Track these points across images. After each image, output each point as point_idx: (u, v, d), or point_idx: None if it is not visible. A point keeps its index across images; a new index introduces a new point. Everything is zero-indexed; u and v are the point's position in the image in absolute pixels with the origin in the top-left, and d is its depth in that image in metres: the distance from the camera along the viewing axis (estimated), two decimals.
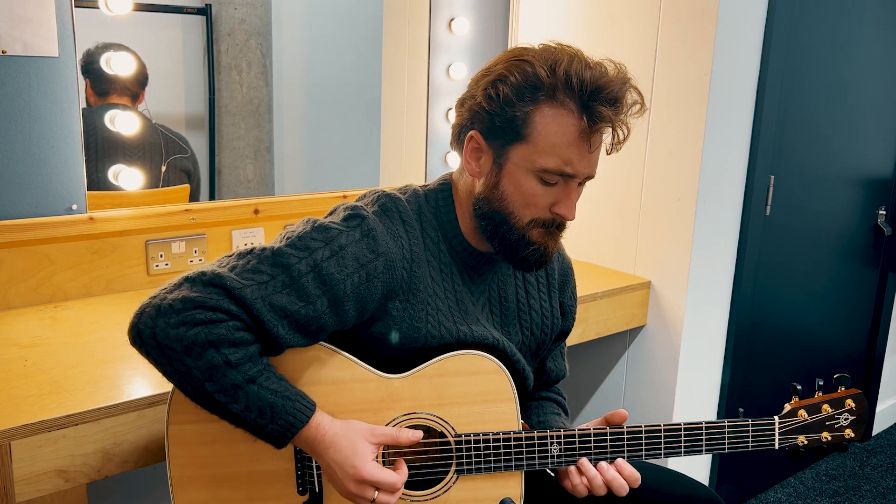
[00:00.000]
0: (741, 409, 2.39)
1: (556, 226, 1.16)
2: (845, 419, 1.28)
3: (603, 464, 1.20)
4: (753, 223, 2.19)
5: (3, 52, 1.53)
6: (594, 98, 1.08)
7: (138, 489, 1.87)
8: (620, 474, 1.20)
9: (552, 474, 1.28)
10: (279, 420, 1.04)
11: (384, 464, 1.16)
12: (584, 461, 1.20)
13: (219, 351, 1.01)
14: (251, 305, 1.02)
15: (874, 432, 3.16)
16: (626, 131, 1.11)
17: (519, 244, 1.16)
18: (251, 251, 1.08)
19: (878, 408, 3.14)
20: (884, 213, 2.78)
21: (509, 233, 1.15)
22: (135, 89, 1.81)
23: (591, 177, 1.15)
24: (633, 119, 1.12)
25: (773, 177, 2.24)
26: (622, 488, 1.19)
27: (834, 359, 2.82)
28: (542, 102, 1.09)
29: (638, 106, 1.11)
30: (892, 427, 3.26)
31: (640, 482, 1.21)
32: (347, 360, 1.15)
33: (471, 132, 1.15)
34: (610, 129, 1.11)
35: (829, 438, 1.28)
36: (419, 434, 1.13)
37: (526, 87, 1.09)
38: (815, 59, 2.30)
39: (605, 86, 1.08)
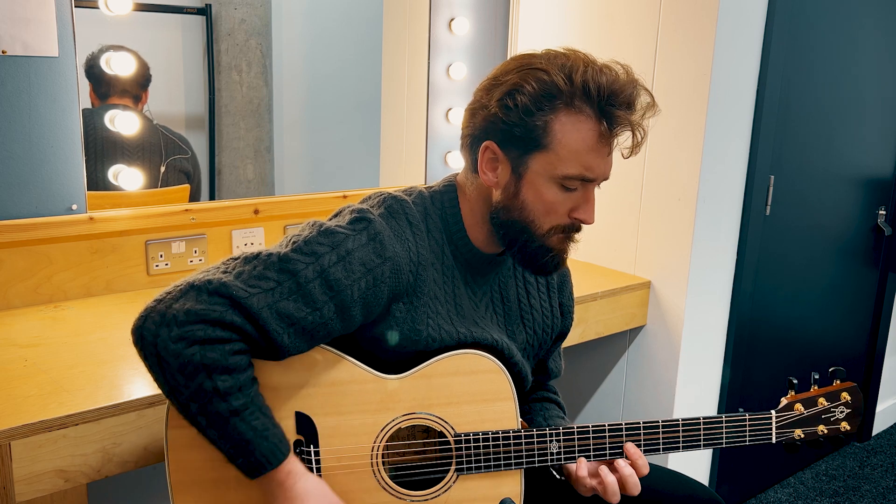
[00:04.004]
0: (741, 409, 2.39)
1: (574, 230, 1.18)
2: (841, 412, 1.29)
3: (619, 461, 1.21)
4: (753, 223, 2.19)
5: (3, 52, 1.53)
6: (611, 103, 1.09)
7: (138, 489, 1.87)
8: (634, 466, 1.20)
9: (559, 476, 1.28)
10: (251, 458, 1.03)
11: (383, 464, 1.16)
12: (603, 468, 1.21)
13: (210, 377, 1.00)
14: (257, 315, 1.02)
15: (874, 432, 3.16)
16: (643, 132, 1.13)
17: (539, 251, 1.17)
18: (257, 256, 1.07)
19: (878, 408, 3.14)
20: (884, 213, 2.78)
21: (530, 241, 1.16)
22: (135, 91, 1.81)
23: (607, 178, 1.16)
24: (647, 120, 1.13)
25: (773, 176, 2.24)
26: (636, 487, 1.19)
27: (834, 358, 2.82)
28: (559, 110, 1.10)
29: (652, 107, 1.12)
30: (892, 427, 3.26)
31: (647, 468, 1.21)
32: (346, 361, 1.15)
33: (486, 142, 1.14)
34: (628, 133, 1.12)
35: (826, 431, 1.28)
36: None
37: (543, 95, 1.09)
38: (815, 60, 2.30)
39: (620, 90, 1.09)
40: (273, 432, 1.05)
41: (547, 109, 1.09)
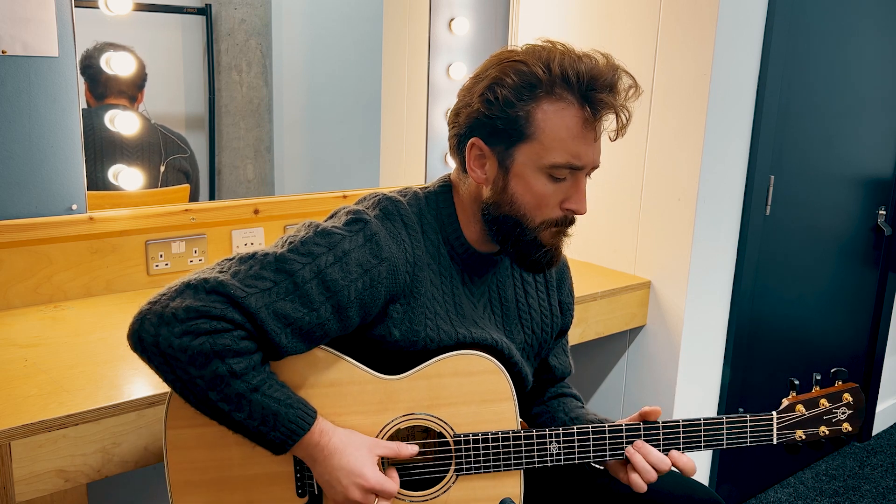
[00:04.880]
0: (741, 409, 2.39)
1: (567, 223, 1.17)
2: (843, 413, 1.28)
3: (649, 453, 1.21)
4: (753, 223, 2.19)
5: (3, 52, 1.53)
6: (592, 87, 1.10)
7: (138, 489, 1.88)
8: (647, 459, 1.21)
9: (599, 468, 1.28)
10: (281, 427, 1.04)
11: (382, 464, 1.16)
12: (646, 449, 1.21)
13: (223, 361, 1.00)
14: (256, 314, 1.02)
15: (874, 432, 3.16)
16: (627, 115, 1.13)
17: (531, 246, 1.16)
18: (253, 256, 1.07)
19: (878, 408, 3.14)
20: (884, 213, 2.78)
21: (522, 235, 1.16)
22: (132, 91, 1.81)
23: (596, 167, 1.16)
24: (631, 102, 1.13)
25: (773, 176, 2.24)
26: (648, 473, 1.20)
27: (834, 358, 2.82)
28: (541, 99, 1.10)
29: (633, 89, 1.12)
30: (892, 427, 3.26)
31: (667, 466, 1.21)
32: (345, 362, 1.15)
33: (472, 139, 1.15)
34: (612, 116, 1.12)
35: (827, 433, 1.28)
36: (416, 448, 1.15)
37: (523, 86, 1.10)
38: (815, 59, 2.30)
39: (600, 75, 1.10)
40: (296, 399, 1.07)
41: (528, 99, 1.10)
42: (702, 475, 2.36)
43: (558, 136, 1.10)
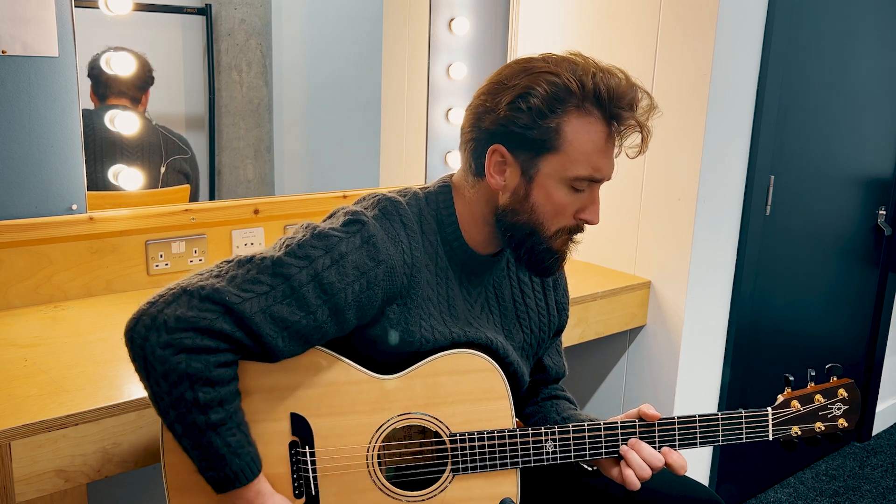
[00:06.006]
0: (741, 409, 2.39)
1: (577, 231, 1.20)
2: (838, 409, 1.29)
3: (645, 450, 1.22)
4: (753, 223, 2.19)
5: (3, 52, 1.53)
6: (618, 105, 1.12)
7: (138, 489, 1.88)
8: (643, 458, 1.21)
9: (589, 469, 1.28)
10: (221, 472, 1.04)
11: (379, 464, 1.17)
12: (639, 447, 1.21)
13: (192, 387, 1.00)
14: (250, 320, 1.02)
15: (874, 432, 3.15)
16: (649, 132, 1.16)
17: (545, 254, 1.18)
18: (251, 259, 1.07)
19: (878, 408, 3.14)
20: (884, 213, 2.77)
21: (537, 243, 1.17)
22: (133, 93, 1.81)
23: (610, 179, 1.19)
24: (650, 121, 1.16)
25: (773, 177, 2.24)
26: (642, 469, 1.20)
27: (834, 358, 2.81)
28: (570, 113, 1.11)
29: (654, 108, 1.15)
30: (892, 427, 3.26)
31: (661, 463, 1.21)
32: (341, 362, 1.15)
33: (494, 146, 1.15)
34: (633, 133, 1.15)
35: (823, 428, 1.28)
36: None
37: (555, 98, 1.10)
38: (815, 60, 2.30)
39: (625, 93, 1.12)
40: (247, 450, 1.06)
41: (559, 112, 1.11)
42: (702, 475, 2.36)
43: (584, 150, 1.12)
